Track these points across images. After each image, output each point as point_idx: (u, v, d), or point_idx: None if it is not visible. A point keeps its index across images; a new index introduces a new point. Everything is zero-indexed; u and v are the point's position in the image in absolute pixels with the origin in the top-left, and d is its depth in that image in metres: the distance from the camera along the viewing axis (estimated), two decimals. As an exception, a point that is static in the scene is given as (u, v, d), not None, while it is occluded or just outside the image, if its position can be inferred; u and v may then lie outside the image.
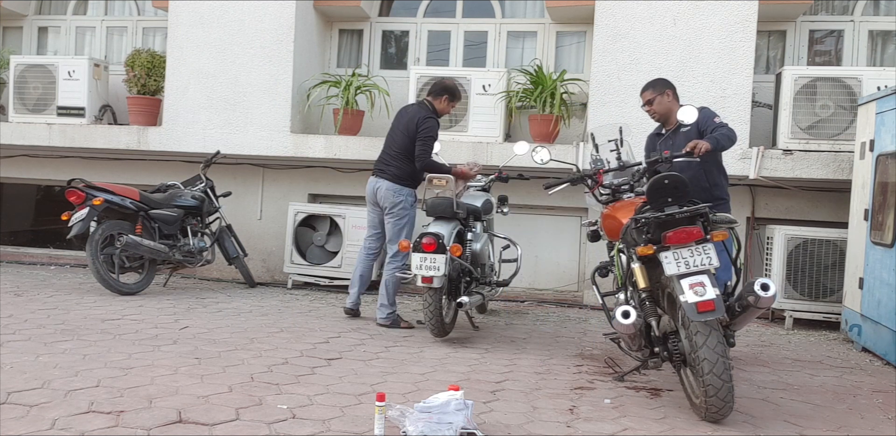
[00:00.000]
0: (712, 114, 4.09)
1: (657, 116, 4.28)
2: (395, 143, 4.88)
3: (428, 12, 7.10)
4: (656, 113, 4.25)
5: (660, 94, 4.21)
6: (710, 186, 4.12)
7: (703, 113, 4.00)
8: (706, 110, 4.09)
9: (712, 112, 4.12)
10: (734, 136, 3.92)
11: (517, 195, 6.44)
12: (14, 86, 6.86)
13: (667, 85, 4.24)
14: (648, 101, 4.25)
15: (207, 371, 3.43)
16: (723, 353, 2.88)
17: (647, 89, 4.26)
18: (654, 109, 4.24)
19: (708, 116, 4.05)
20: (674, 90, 4.25)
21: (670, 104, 4.21)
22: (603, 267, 3.85)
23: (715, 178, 4.16)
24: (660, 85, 4.25)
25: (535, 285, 6.58)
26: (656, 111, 4.24)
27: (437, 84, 5.01)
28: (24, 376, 3.17)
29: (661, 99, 4.21)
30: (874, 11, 6.38)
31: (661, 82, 4.28)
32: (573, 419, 2.99)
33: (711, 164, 4.12)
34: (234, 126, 6.46)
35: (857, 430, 3.03)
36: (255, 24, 6.46)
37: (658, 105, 4.22)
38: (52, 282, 5.91)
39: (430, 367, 3.76)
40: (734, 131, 3.95)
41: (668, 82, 4.27)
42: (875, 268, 4.48)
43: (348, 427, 2.75)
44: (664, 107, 4.21)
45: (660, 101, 4.21)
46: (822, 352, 4.61)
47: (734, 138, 3.92)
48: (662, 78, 4.37)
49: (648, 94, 4.25)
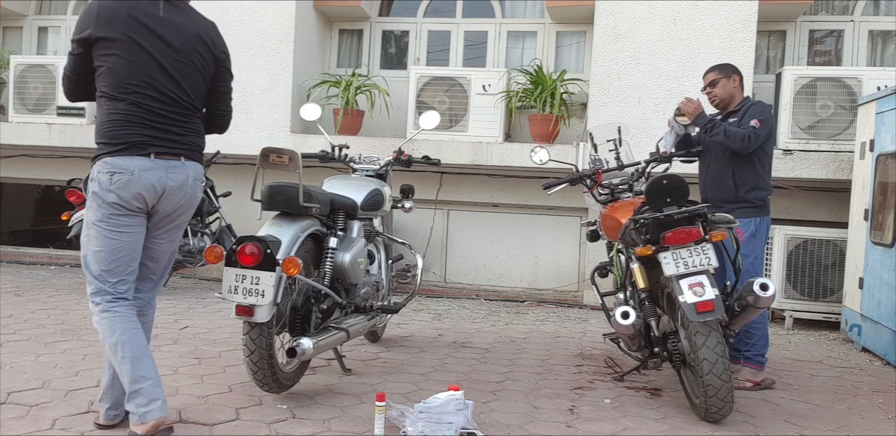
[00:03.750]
0: (760, 114, 3.70)
1: (717, 100, 3.89)
2: (182, 82, 2.61)
3: (428, 12, 7.10)
4: (717, 96, 3.87)
5: (726, 78, 3.85)
6: (736, 186, 3.75)
7: (755, 107, 3.76)
8: (758, 106, 3.77)
9: (763, 112, 3.72)
10: (741, 141, 3.62)
11: (517, 195, 6.46)
12: (14, 86, 6.86)
13: (735, 70, 3.90)
14: (711, 83, 3.88)
15: (207, 371, 3.43)
16: (722, 353, 2.88)
17: (713, 70, 3.91)
18: (715, 91, 3.87)
19: (755, 111, 3.72)
20: (741, 78, 3.90)
21: (734, 90, 3.85)
22: (602, 267, 3.85)
23: (746, 177, 3.75)
24: (728, 69, 3.90)
25: (535, 285, 6.59)
26: (717, 95, 3.87)
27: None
28: (24, 376, 3.18)
29: (727, 83, 3.84)
30: (874, 11, 6.38)
31: (730, 67, 3.93)
32: (573, 419, 2.99)
33: (744, 161, 3.74)
34: (234, 126, 6.36)
35: (857, 430, 3.03)
36: (255, 24, 6.46)
37: (721, 88, 3.85)
38: (52, 282, 5.91)
39: (430, 367, 3.76)
40: (749, 140, 3.62)
41: (736, 69, 3.93)
42: (875, 268, 4.48)
43: (348, 427, 2.75)
44: (727, 91, 3.85)
45: (724, 85, 3.85)
46: (822, 352, 4.61)
47: (736, 141, 3.62)
48: (731, 64, 4.02)
49: (713, 75, 3.89)
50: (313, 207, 3.17)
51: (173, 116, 2.58)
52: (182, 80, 2.59)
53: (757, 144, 3.66)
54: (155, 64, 2.52)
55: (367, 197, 3.64)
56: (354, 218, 3.58)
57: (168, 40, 2.54)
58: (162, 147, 2.54)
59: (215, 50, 2.70)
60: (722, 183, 3.78)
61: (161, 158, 2.54)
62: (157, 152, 2.53)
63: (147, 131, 2.51)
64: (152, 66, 2.52)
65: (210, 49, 2.68)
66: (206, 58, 2.67)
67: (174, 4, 2.62)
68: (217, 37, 2.74)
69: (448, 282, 6.72)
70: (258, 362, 2.85)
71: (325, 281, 3.23)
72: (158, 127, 2.54)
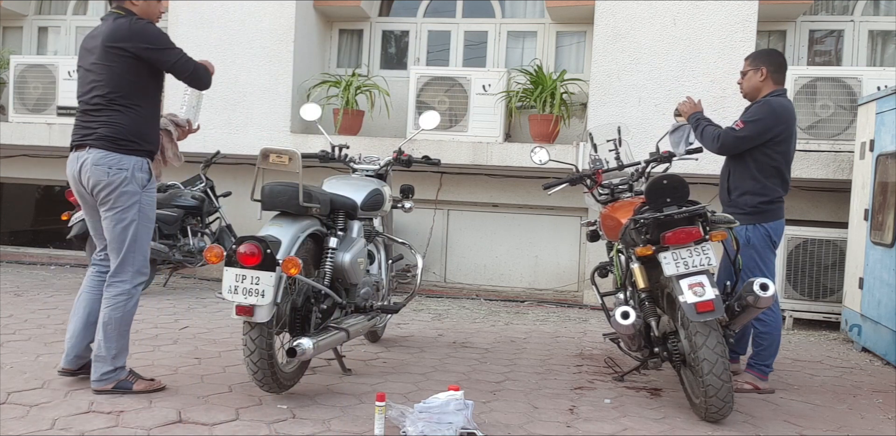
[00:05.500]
0: (752, 115, 3.53)
1: (743, 92, 3.70)
2: (96, 82, 3.02)
3: (428, 12, 7.10)
4: (743, 88, 3.70)
5: (754, 69, 3.61)
6: (729, 189, 3.68)
7: (755, 106, 3.58)
8: (759, 106, 3.57)
9: (758, 113, 3.52)
10: (709, 142, 3.55)
11: (517, 195, 6.46)
12: (14, 86, 6.86)
13: (766, 61, 3.60)
14: (742, 73, 3.69)
15: (207, 371, 3.43)
16: (722, 353, 2.88)
17: (748, 59, 3.68)
18: (742, 82, 3.69)
19: (750, 112, 3.57)
20: (775, 68, 3.59)
21: (761, 84, 3.60)
22: (602, 267, 3.85)
23: (738, 181, 3.63)
24: (760, 59, 3.63)
25: (535, 285, 6.59)
26: (743, 87, 3.69)
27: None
28: (24, 376, 3.18)
29: (753, 75, 3.61)
30: (874, 11, 6.38)
31: (763, 57, 3.65)
32: (573, 419, 3.00)
33: (738, 164, 3.62)
34: (234, 126, 6.46)
35: (857, 430, 3.03)
36: (255, 24, 6.46)
37: (747, 81, 3.65)
38: (52, 282, 5.91)
39: (430, 367, 3.76)
40: (718, 139, 3.51)
41: (771, 58, 3.63)
42: (875, 268, 4.48)
43: (348, 427, 2.75)
44: (751, 84, 3.63)
45: (750, 77, 3.63)
46: (822, 352, 4.61)
47: (705, 141, 3.56)
48: (774, 51, 3.78)
49: (745, 65, 3.66)
50: (313, 207, 3.16)
51: (85, 113, 3.09)
52: (93, 81, 3.05)
53: (737, 145, 3.51)
54: (82, 72, 3.11)
55: (367, 197, 3.63)
56: (354, 218, 3.57)
57: (89, 49, 3.07)
58: (75, 141, 3.10)
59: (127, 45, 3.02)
60: (721, 185, 3.80)
61: (75, 150, 3.10)
62: (73, 145, 3.11)
63: (75, 130, 3.11)
64: (82, 75, 3.10)
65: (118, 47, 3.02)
66: (119, 55, 3.01)
67: (103, 20, 3.11)
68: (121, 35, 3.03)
69: (448, 282, 6.72)
70: (258, 362, 2.84)
71: (325, 281, 3.21)
72: (77, 124, 3.11)
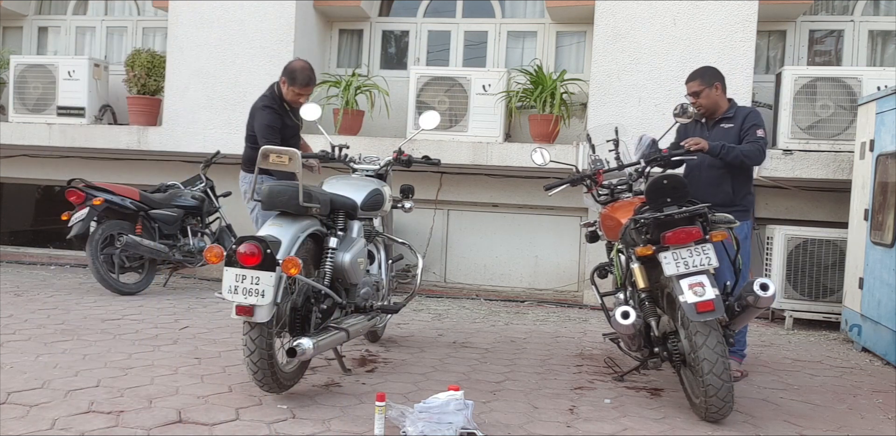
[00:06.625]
0: (760, 122, 3.80)
1: (702, 110, 3.92)
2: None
3: (428, 12, 7.10)
4: (702, 107, 3.90)
5: (708, 87, 3.85)
6: (734, 191, 3.85)
7: (752, 115, 3.81)
8: (755, 114, 3.85)
9: (760, 120, 3.82)
10: (759, 156, 3.72)
11: (517, 195, 6.46)
12: (14, 86, 6.86)
13: (715, 76, 3.88)
14: (694, 93, 3.89)
15: (207, 371, 3.43)
16: (722, 353, 2.88)
17: (695, 79, 3.89)
18: (700, 102, 3.89)
19: (754, 121, 3.79)
20: (723, 82, 3.89)
21: (718, 98, 3.88)
22: (602, 267, 3.85)
23: (741, 183, 3.86)
24: (708, 76, 3.87)
25: (535, 285, 6.59)
26: (702, 105, 3.89)
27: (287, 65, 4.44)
28: (24, 376, 3.18)
29: (710, 92, 3.85)
30: (874, 11, 6.38)
31: (710, 73, 3.89)
32: (573, 419, 2.99)
33: (740, 171, 3.84)
34: (235, 126, 6.45)
35: (857, 430, 3.03)
36: (255, 24, 6.46)
37: (706, 99, 3.87)
38: (52, 282, 5.91)
39: (430, 367, 3.76)
40: (764, 153, 3.74)
41: (717, 73, 3.91)
42: (875, 268, 4.48)
43: (348, 427, 2.75)
44: (711, 101, 3.87)
45: (707, 95, 3.86)
46: (822, 352, 4.61)
47: (756, 158, 3.72)
48: (711, 67, 4.00)
49: (695, 86, 3.88)
50: (313, 207, 3.16)
51: None
52: None
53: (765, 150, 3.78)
54: None
55: (367, 197, 3.63)
56: (354, 218, 3.57)
57: None
58: None
59: None
60: (719, 187, 3.84)
61: None
62: None
63: None
64: None
65: None
66: None
67: None
68: None
69: (448, 282, 6.72)
70: (258, 362, 2.84)
71: (325, 281, 3.21)
72: None
